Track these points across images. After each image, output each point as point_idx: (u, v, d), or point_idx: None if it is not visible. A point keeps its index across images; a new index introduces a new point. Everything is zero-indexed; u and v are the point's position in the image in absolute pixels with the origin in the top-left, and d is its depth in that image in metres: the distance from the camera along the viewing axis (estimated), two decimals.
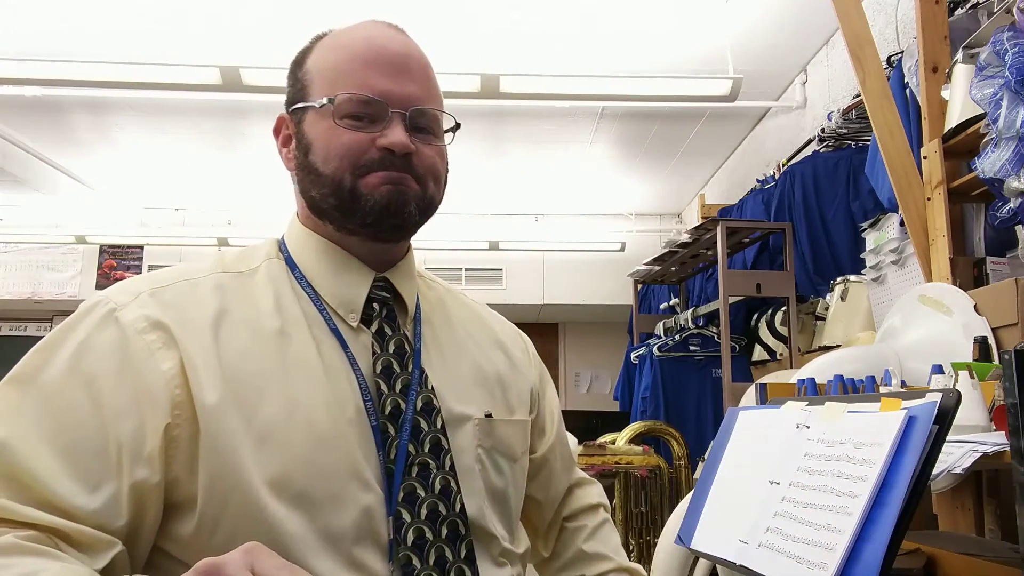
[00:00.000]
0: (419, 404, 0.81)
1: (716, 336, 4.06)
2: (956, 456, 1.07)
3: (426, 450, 0.80)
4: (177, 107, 5.10)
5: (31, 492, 0.66)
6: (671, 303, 5.18)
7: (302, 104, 0.84)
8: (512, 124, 5.57)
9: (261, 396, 0.75)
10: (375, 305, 0.85)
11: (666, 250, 4.54)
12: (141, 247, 7.52)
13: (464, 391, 0.88)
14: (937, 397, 0.78)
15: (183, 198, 7.20)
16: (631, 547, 3.12)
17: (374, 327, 0.84)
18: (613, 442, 3.19)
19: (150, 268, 7.50)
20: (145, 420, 0.71)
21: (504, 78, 3.85)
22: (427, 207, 0.85)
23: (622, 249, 7.37)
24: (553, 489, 1.04)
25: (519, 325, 1.12)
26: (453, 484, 0.81)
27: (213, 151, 5.98)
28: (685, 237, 4.17)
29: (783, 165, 4.23)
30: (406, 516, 0.76)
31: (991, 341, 1.74)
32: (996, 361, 1.61)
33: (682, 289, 5.04)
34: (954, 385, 1.26)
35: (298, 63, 0.88)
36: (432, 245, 7.66)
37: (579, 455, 3.08)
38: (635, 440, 3.23)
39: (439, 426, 0.82)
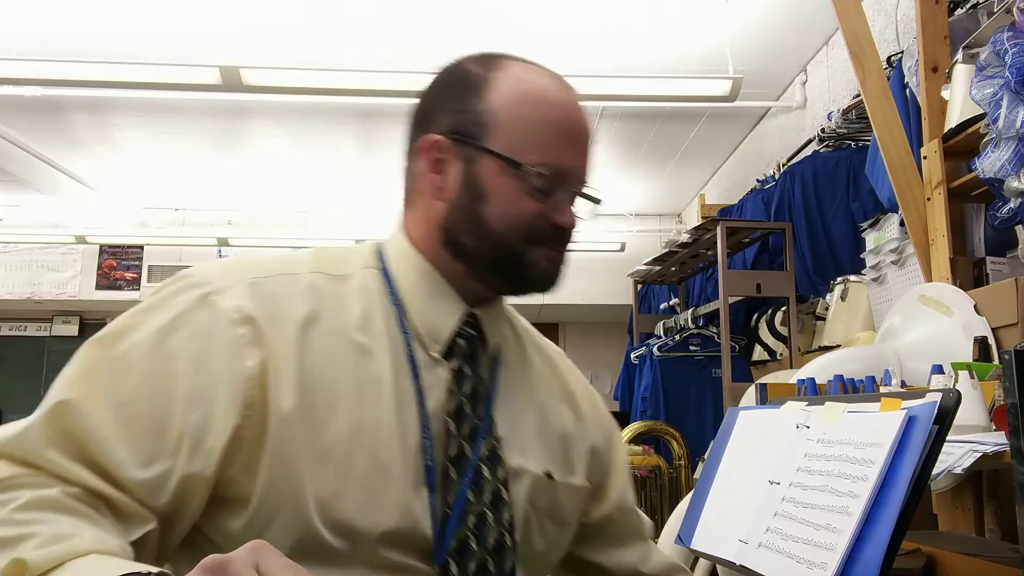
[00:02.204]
0: (484, 451, 0.80)
1: (716, 336, 4.06)
2: (956, 456, 1.07)
3: (486, 500, 0.78)
4: (177, 107, 5.10)
5: (86, 453, 0.67)
6: (671, 303, 5.18)
7: (482, 145, 0.81)
8: None
9: (332, 411, 0.74)
10: (459, 340, 0.84)
11: (666, 250, 4.54)
12: (141, 247, 7.52)
13: (527, 444, 0.85)
14: (937, 397, 0.78)
15: (183, 198, 7.20)
16: None
17: (454, 363, 0.82)
18: None
19: (150, 268, 7.50)
20: (214, 414, 0.70)
21: None
22: (561, 282, 0.88)
23: (622, 249, 7.37)
24: (615, 555, 0.99)
25: None
26: (508, 541, 0.79)
27: (213, 151, 5.98)
28: (685, 237, 4.16)
29: (783, 165, 4.23)
30: (454, 569, 0.75)
31: (991, 341, 1.74)
32: (996, 361, 1.61)
33: (682, 289, 5.04)
34: (954, 385, 1.26)
35: (471, 91, 0.83)
36: None
37: None
38: (635, 440, 3.23)
39: (501, 477, 0.80)
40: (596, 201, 0.86)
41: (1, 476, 0.64)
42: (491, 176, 0.80)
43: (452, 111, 0.83)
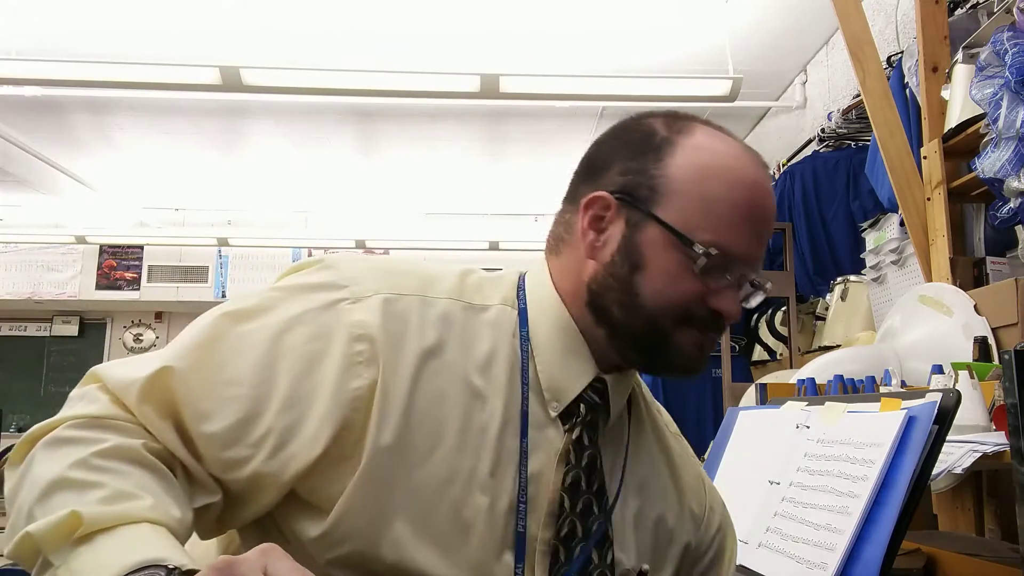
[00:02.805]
0: (593, 537, 0.74)
1: None
2: (956, 456, 1.07)
3: None
4: (177, 107, 5.10)
5: (178, 418, 0.69)
6: None
7: (648, 210, 0.74)
8: (512, 124, 5.57)
9: (431, 452, 0.71)
10: (582, 405, 0.77)
11: None
12: (141, 247, 7.52)
13: (630, 532, 0.79)
14: (937, 397, 0.78)
15: (183, 198, 7.20)
16: None
17: (575, 431, 0.76)
18: None
19: (150, 268, 7.50)
20: (306, 422, 0.69)
21: (504, 78, 3.84)
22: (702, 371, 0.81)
23: None
24: None
25: None
26: None
27: (213, 151, 5.98)
28: None
29: (783, 165, 4.23)
30: None
31: (991, 341, 1.74)
32: (996, 361, 1.61)
33: None
34: (954, 385, 1.26)
35: (651, 152, 0.76)
36: (432, 245, 7.66)
37: None
38: None
39: (608, 561, 0.75)
40: (765, 290, 0.77)
41: (100, 413, 0.67)
42: (654, 247, 0.73)
43: (626, 170, 0.76)
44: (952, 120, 2.11)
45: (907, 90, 2.50)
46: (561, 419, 0.76)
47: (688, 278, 0.73)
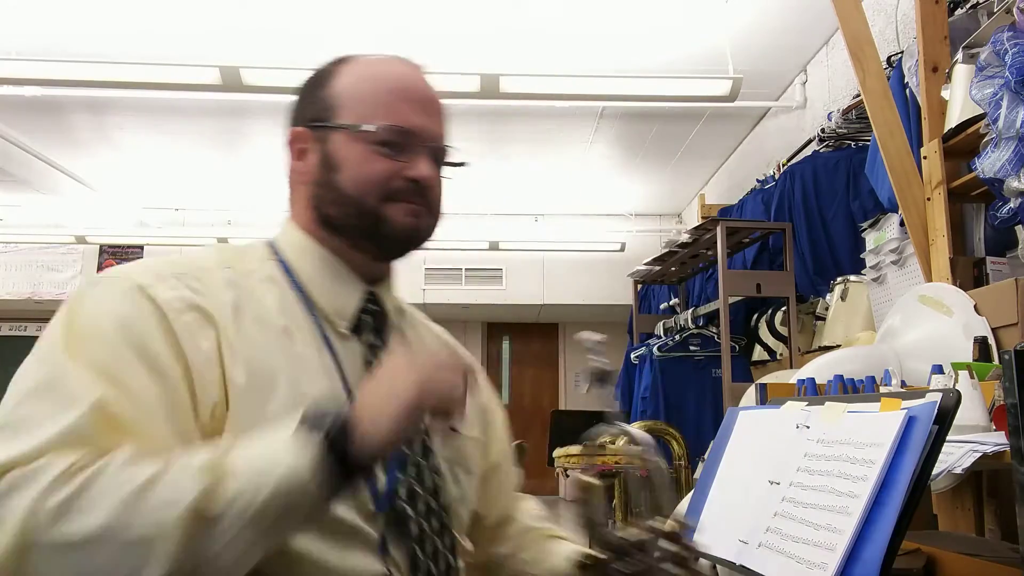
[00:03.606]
0: None
1: (716, 336, 4.06)
2: (956, 456, 1.07)
3: (418, 452, 0.86)
4: (177, 107, 5.10)
5: (131, 439, 0.69)
6: (671, 303, 5.17)
7: (329, 124, 0.87)
8: (512, 124, 5.57)
9: (273, 387, 0.78)
10: (365, 316, 0.90)
11: (666, 250, 4.54)
12: (141, 247, 7.52)
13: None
14: (937, 397, 0.79)
15: (183, 198, 7.20)
16: None
17: (365, 337, 0.89)
18: (613, 442, 3.19)
19: None
20: (206, 391, 0.75)
21: (504, 78, 3.85)
22: (431, 235, 0.93)
23: (622, 249, 7.37)
24: (495, 509, 1.04)
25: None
26: (440, 483, 0.87)
27: (213, 151, 5.98)
28: (685, 237, 4.16)
29: (783, 165, 4.23)
30: (410, 511, 0.82)
31: (991, 341, 1.74)
32: (996, 361, 1.61)
33: (682, 289, 5.04)
34: (954, 385, 1.26)
35: (318, 84, 0.91)
36: (432, 245, 7.61)
37: (579, 455, 3.08)
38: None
39: (425, 428, 0.86)
40: (456, 164, 0.93)
41: (75, 459, 0.65)
42: (342, 147, 0.86)
43: (307, 106, 0.90)
44: (952, 120, 2.11)
45: (907, 90, 2.50)
46: (354, 333, 0.88)
47: (377, 159, 0.85)
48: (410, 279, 7.96)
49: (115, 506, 0.62)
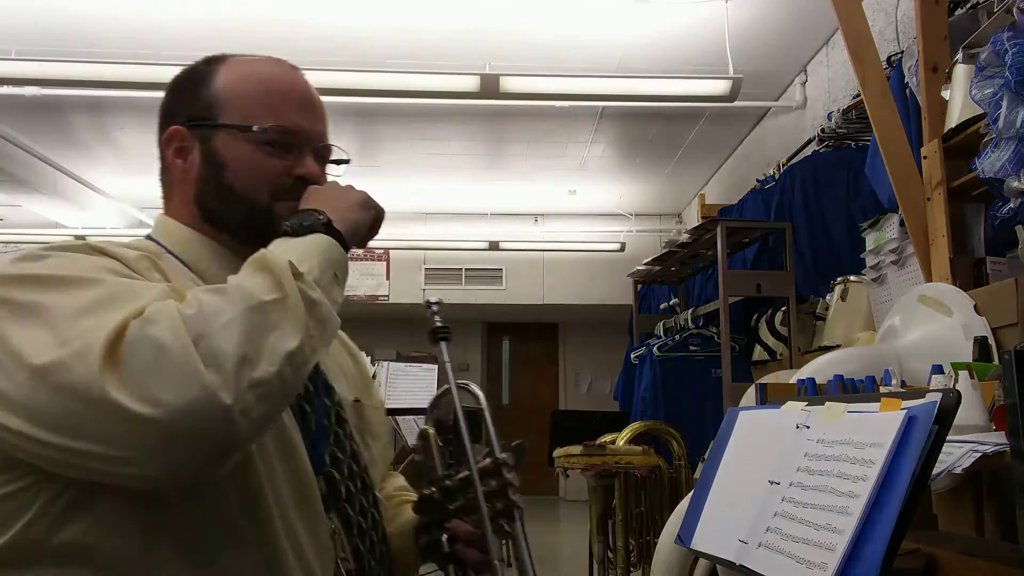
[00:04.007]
0: (322, 387, 0.93)
1: (716, 336, 4.06)
2: (956, 456, 1.07)
3: (333, 421, 0.92)
4: None
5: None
6: (671, 303, 5.18)
7: (213, 123, 0.90)
8: (512, 124, 5.57)
9: None
10: None
11: (666, 250, 4.54)
12: None
13: (337, 379, 0.98)
14: (937, 397, 0.79)
15: None
16: (631, 547, 3.12)
17: None
18: (613, 442, 3.18)
19: None
20: None
21: (504, 78, 3.85)
22: None
23: (622, 249, 7.37)
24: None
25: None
26: (356, 448, 0.94)
27: None
28: (685, 237, 4.17)
29: (783, 165, 4.23)
30: (336, 474, 0.89)
31: (991, 341, 1.74)
32: (996, 361, 1.61)
33: (682, 289, 5.04)
34: (954, 385, 1.26)
35: (196, 83, 0.93)
36: (432, 245, 7.66)
37: (579, 455, 3.08)
38: (635, 440, 3.23)
39: (337, 402, 0.94)
40: (341, 161, 0.97)
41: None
42: (227, 146, 0.89)
43: (185, 105, 0.92)
44: (952, 120, 2.11)
45: (907, 90, 2.50)
46: None
47: (264, 158, 0.88)
48: (410, 279, 7.96)
49: (234, 294, 0.69)
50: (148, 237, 0.92)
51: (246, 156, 0.88)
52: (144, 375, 0.63)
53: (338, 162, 0.97)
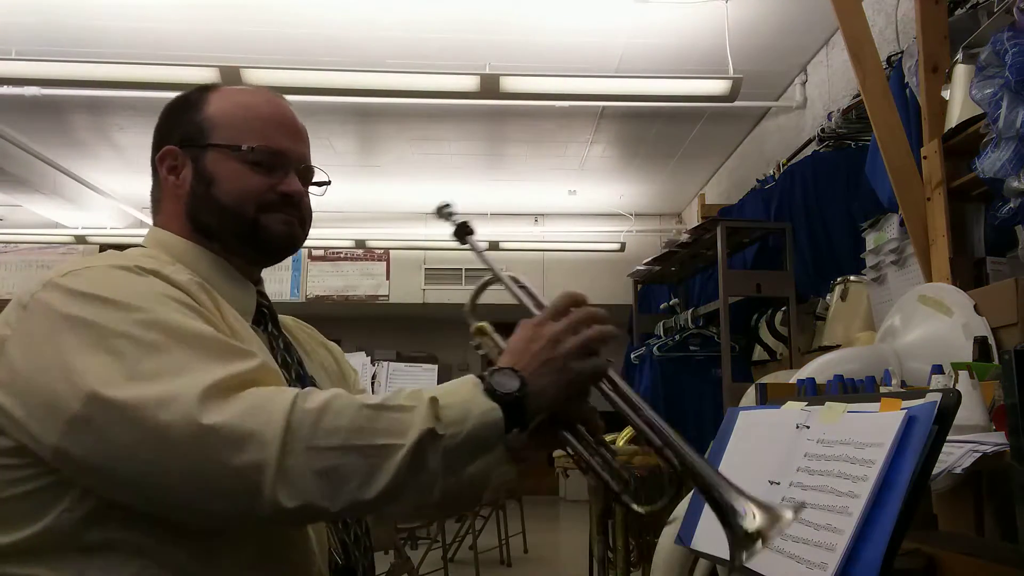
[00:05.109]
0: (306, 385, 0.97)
1: (716, 336, 4.06)
2: (956, 456, 1.07)
3: None
4: None
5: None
6: (671, 303, 5.17)
7: (202, 143, 0.97)
8: (512, 124, 5.57)
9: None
10: (261, 310, 1.02)
11: (666, 250, 4.54)
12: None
13: (321, 381, 1.05)
14: (937, 397, 0.78)
15: None
16: (631, 547, 3.12)
17: (265, 327, 1.01)
18: (613, 442, 3.19)
19: None
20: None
21: (504, 78, 3.85)
22: (303, 243, 1.05)
23: (622, 249, 7.37)
24: None
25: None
26: None
27: None
28: (685, 237, 4.16)
29: (783, 165, 4.23)
30: None
31: (991, 341, 1.74)
32: (996, 361, 1.61)
33: (682, 289, 5.04)
34: (954, 385, 1.26)
35: (189, 108, 1.00)
36: (432, 245, 7.65)
37: None
38: (635, 440, 3.23)
39: None
40: (322, 183, 1.06)
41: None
42: (217, 164, 0.96)
43: (178, 127, 0.99)
44: (952, 120, 2.11)
45: (907, 90, 2.50)
46: (257, 325, 1.00)
47: (251, 176, 0.96)
48: (410, 279, 7.96)
49: (356, 417, 0.73)
50: (142, 246, 0.98)
51: (234, 173, 0.96)
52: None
53: (319, 184, 1.06)
